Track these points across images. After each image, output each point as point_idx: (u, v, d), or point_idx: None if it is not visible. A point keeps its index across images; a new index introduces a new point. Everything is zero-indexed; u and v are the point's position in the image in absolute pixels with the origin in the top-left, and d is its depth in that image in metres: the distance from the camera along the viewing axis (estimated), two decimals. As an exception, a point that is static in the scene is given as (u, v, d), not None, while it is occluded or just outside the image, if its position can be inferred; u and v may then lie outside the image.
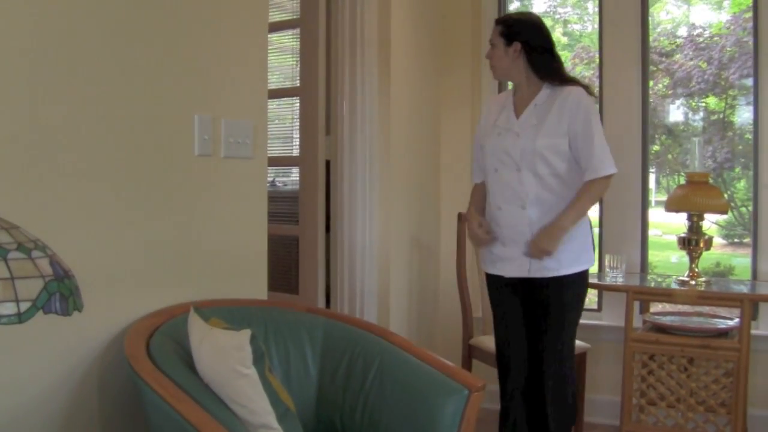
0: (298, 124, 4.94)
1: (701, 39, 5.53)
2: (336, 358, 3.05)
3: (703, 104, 5.59)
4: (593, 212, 5.19)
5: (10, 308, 1.65)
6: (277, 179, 6.00)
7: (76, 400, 2.63)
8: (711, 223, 4.59)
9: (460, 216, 4.82)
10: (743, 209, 5.53)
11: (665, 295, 4.41)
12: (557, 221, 3.47)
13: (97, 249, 2.67)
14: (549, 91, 3.58)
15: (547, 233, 3.46)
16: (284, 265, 4.89)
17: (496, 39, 3.62)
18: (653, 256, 5.24)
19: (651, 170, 5.40)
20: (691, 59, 5.44)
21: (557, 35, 6.24)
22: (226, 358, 2.45)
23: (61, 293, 1.77)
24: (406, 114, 4.94)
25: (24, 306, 1.68)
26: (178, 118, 2.99)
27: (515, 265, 3.61)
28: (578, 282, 3.60)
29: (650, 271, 5.19)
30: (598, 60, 5.23)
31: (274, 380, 2.57)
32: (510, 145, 3.57)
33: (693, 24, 5.71)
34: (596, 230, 5.25)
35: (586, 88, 3.58)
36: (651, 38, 5.18)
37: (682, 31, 5.71)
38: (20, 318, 1.67)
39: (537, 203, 3.53)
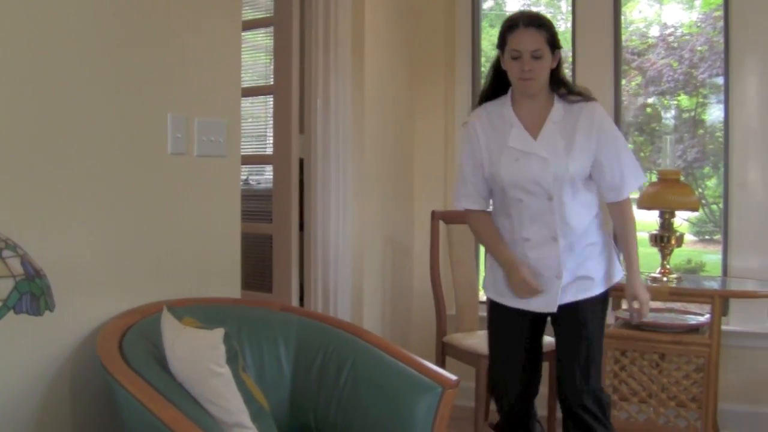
0: (271, 122, 4.94)
1: (672, 38, 5.57)
2: (310, 356, 3.05)
3: (675, 102, 5.63)
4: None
5: (-20, 308, 1.65)
6: (250, 177, 5.99)
7: (48, 400, 2.62)
8: (682, 220, 4.63)
9: (433, 214, 4.82)
10: (714, 207, 5.58)
11: (637, 291, 4.43)
12: (633, 277, 3.30)
13: (70, 248, 2.66)
14: (561, 104, 3.25)
15: (635, 288, 3.29)
16: (258, 264, 4.89)
17: (544, 47, 3.12)
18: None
19: (623, 168, 5.42)
20: (663, 58, 5.48)
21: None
22: (199, 357, 2.46)
23: (33, 293, 1.77)
24: (379, 112, 4.95)
25: (-5, 306, 1.68)
26: (152, 117, 2.99)
27: (544, 301, 3.30)
28: (607, 295, 3.44)
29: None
30: (571, 58, 5.25)
31: (248, 379, 2.57)
32: (538, 172, 3.18)
33: (665, 23, 5.75)
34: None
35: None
36: (623, 37, 5.21)
37: (654, 31, 5.75)
38: (-9, 318, 1.67)
39: (566, 233, 3.24)
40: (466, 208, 3.43)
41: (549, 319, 3.43)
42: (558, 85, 3.27)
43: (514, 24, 3.15)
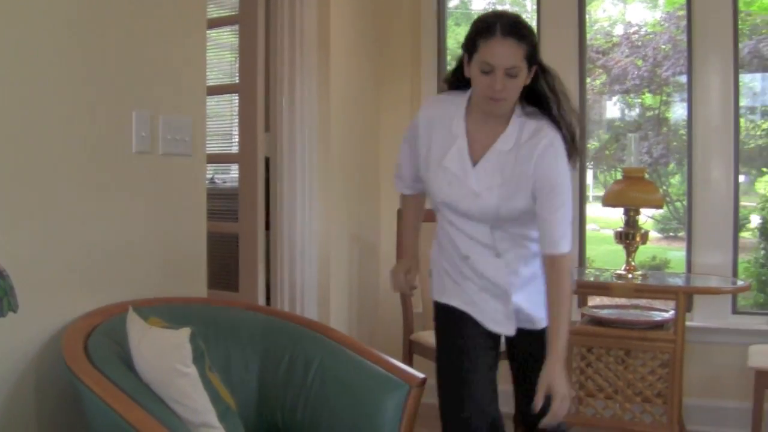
0: (237, 121, 4.92)
1: (636, 36, 5.61)
2: (277, 355, 3.04)
3: (639, 101, 5.67)
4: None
5: (-58, 310, 1.63)
6: (216, 176, 5.97)
7: (13, 401, 2.59)
8: (647, 217, 4.66)
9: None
10: (678, 204, 5.64)
11: (603, 288, 4.47)
12: (554, 360, 2.62)
13: (33, 248, 2.64)
14: (519, 121, 2.71)
15: (552, 378, 2.59)
16: (224, 263, 4.87)
17: (522, 63, 2.57)
18: (591, 250, 5.31)
19: (589, 166, 5.47)
20: (627, 56, 5.52)
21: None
22: (165, 357, 2.45)
23: (-4, 294, 1.75)
24: (345, 110, 4.94)
25: (-43, 307, 1.66)
26: (116, 115, 2.96)
27: (500, 325, 2.87)
28: None
29: (588, 265, 5.26)
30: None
31: (214, 378, 2.56)
32: (468, 206, 2.75)
33: (629, 22, 5.79)
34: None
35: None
36: (588, 36, 5.24)
37: (619, 29, 5.79)
38: (-47, 319, 1.65)
39: (513, 251, 2.83)
40: (401, 191, 3.13)
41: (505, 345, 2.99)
42: (533, 102, 2.74)
43: (489, 30, 2.55)
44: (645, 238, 4.48)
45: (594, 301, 5.03)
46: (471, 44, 2.62)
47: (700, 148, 4.77)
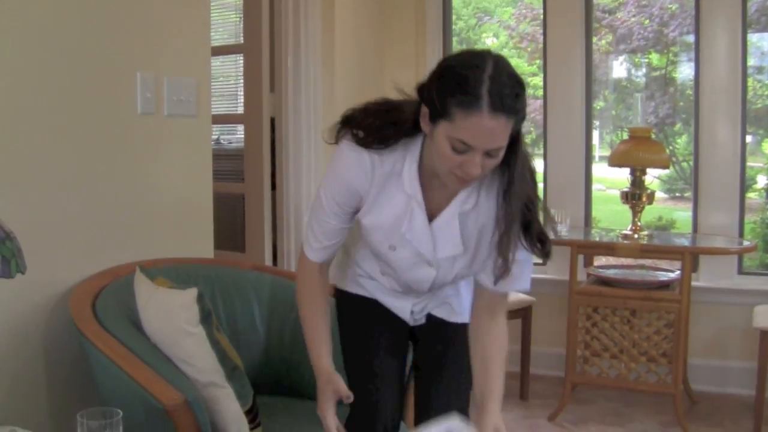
0: (242, 81, 4.91)
1: (643, -5, 5.57)
2: (283, 315, 3.05)
3: (646, 60, 5.64)
4: (538, 167, 5.24)
5: (-49, 271, 1.64)
6: (221, 137, 5.96)
7: (21, 362, 2.61)
8: (653, 177, 4.65)
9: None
10: (684, 164, 5.62)
11: (609, 248, 4.47)
12: (497, 405, 2.15)
13: (40, 210, 2.64)
14: (475, 184, 2.14)
15: (499, 422, 2.11)
16: (230, 224, 4.88)
17: (505, 141, 1.92)
18: (596, 210, 5.30)
19: (595, 126, 5.45)
20: (634, 16, 5.48)
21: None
22: (172, 317, 2.46)
23: (3, 255, 1.75)
24: (350, 70, 4.92)
25: (-35, 268, 1.66)
26: (120, 76, 2.95)
27: (411, 316, 2.47)
28: None
29: (594, 225, 5.26)
30: (542, 17, 5.24)
31: (222, 339, 2.57)
32: (418, 275, 2.29)
33: (636, -20, 5.75)
34: (541, 185, 5.29)
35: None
36: (594, -6, 5.20)
37: (625, -13, 5.74)
38: (-38, 281, 1.66)
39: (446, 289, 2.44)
40: (310, 258, 2.32)
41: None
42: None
43: (473, 101, 1.84)
44: (651, 198, 4.47)
45: (600, 261, 5.04)
46: (441, 107, 1.90)
47: (707, 109, 4.76)
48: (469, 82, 1.85)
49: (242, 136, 4.91)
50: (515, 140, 1.97)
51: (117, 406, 1.87)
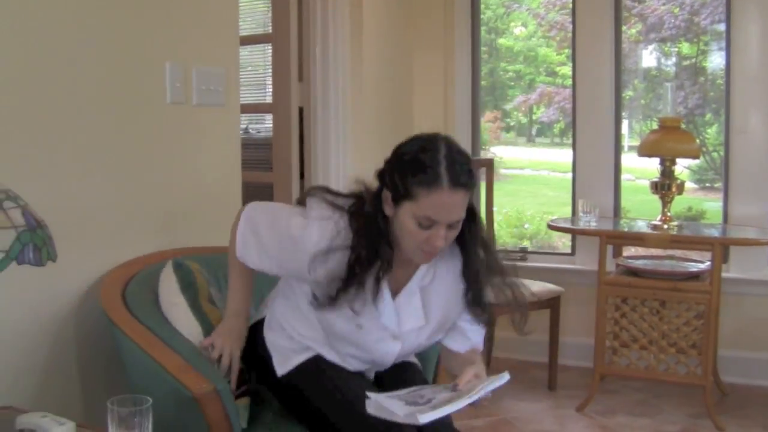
0: (270, 70, 4.91)
1: (674, -17, 5.52)
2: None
3: (676, 49, 5.60)
4: (567, 157, 5.22)
5: (-17, 259, 1.65)
6: (250, 126, 5.98)
7: (54, 348, 2.63)
8: (683, 167, 4.61)
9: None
10: (715, 154, 5.57)
11: (638, 239, 4.45)
12: (476, 358, 2.37)
13: (71, 199, 2.66)
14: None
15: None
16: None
17: (464, 212, 2.14)
18: (626, 200, 5.27)
19: (624, 115, 5.41)
20: (664, 4, 5.43)
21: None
22: (161, 289, 2.59)
23: (35, 244, 1.77)
24: (378, 59, 4.92)
25: (-3, 256, 1.68)
26: (150, 66, 2.97)
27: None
28: None
29: (623, 215, 5.23)
30: (571, 5, 5.21)
31: (212, 311, 2.58)
32: (384, 349, 2.35)
33: (666, -32, 5.70)
34: (569, 175, 5.27)
35: None
36: (624, -17, 5.17)
37: (655, -24, 5.70)
38: (-6, 268, 1.67)
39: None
40: (246, 264, 2.43)
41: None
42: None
43: (433, 179, 2.05)
44: (681, 188, 4.44)
45: (629, 251, 5.01)
46: (404, 189, 2.09)
47: (738, 98, 4.72)
48: (427, 164, 2.06)
49: (271, 125, 4.92)
50: (469, 211, 2.18)
51: (146, 394, 1.88)
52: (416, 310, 2.31)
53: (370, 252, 2.18)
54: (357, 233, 2.19)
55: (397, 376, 2.43)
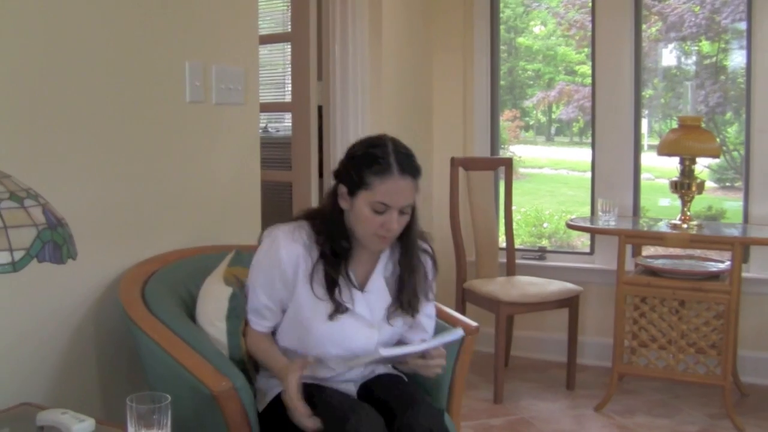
0: (289, 70, 4.92)
1: (694, -18, 5.49)
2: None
3: (696, 48, 5.57)
4: (586, 156, 5.20)
5: (3, 257, 1.66)
6: (269, 125, 5.99)
7: (74, 345, 2.65)
8: (703, 167, 4.59)
9: (452, 160, 4.82)
10: (735, 153, 5.54)
11: (657, 238, 4.43)
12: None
13: (90, 197, 2.67)
14: (388, 250, 2.57)
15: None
16: (277, 211, 4.89)
17: (413, 198, 2.41)
18: (645, 200, 5.26)
19: (643, 114, 5.40)
20: (684, 2, 5.41)
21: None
22: (206, 305, 2.60)
23: (55, 241, 1.77)
24: (397, 58, 4.92)
25: (18, 255, 1.69)
26: (169, 65, 2.98)
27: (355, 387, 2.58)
28: None
29: (642, 214, 5.21)
30: (590, 4, 5.19)
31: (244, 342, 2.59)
32: (364, 341, 2.47)
33: (686, -33, 5.67)
34: (588, 174, 5.26)
35: None
36: (644, -19, 5.15)
37: (676, -26, 5.67)
38: (14, 267, 1.68)
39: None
40: (256, 329, 2.54)
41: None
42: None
43: (385, 168, 2.34)
44: (701, 187, 4.42)
45: (648, 251, 5.00)
46: (359, 180, 2.35)
47: (759, 97, 4.69)
48: (379, 155, 2.35)
49: (290, 124, 4.93)
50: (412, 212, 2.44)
51: (165, 391, 1.89)
52: (385, 298, 2.53)
53: (334, 243, 2.44)
54: (318, 232, 2.46)
55: (388, 390, 2.52)
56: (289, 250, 2.44)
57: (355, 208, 2.38)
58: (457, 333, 2.46)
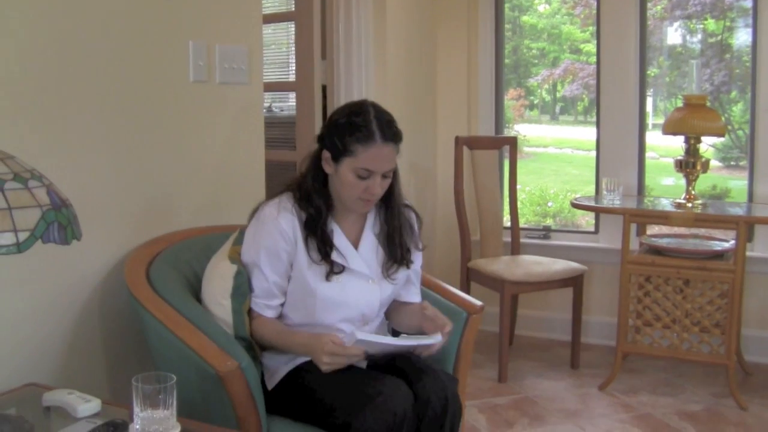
0: (293, 49, 4.91)
1: (700, -41, 5.46)
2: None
3: (701, 26, 5.54)
4: (590, 135, 5.20)
5: (8, 238, 1.66)
6: (273, 105, 5.98)
7: (79, 326, 2.65)
8: (708, 146, 4.58)
9: (457, 139, 4.81)
10: (740, 132, 5.52)
11: (662, 217, 4.42)
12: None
13: (94, 178, 2.67)
14: (374, 209, 2.68)
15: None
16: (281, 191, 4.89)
17: (395, 163, 2.54)
18: (650, 179, 5.25)
19: (648, 93, 5.38)
20: (690, -20, 5.38)
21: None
22: (211, 283, 2.57)
23: (59, 222, 1.77)
24: (402, 36, 4.90)
25: (22, 236, 1.69)
26: (173, 45, 2.97)
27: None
28: None
29: (647, 193, 5.20)
30: (596, -19, 5.17)
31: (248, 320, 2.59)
32: (368, 297, 2.60)
33: (692, -56, 5.64)
34: (593, 153, 5.25)
35: None
36: (650, -41, 5.12)
37: (682, -49, 5.63)
38: (19, 248, 1.68)
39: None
40: (262, 314, 2.57)
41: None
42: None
43: (367, 135, 2.43)
44: (706, 166, 4.41)
45: (653, 230, 4.99)
46: (343, 147, 2.45)
47: (764, 76, 4.67)
48: (360, 124, 2.44)
49: (294, 103, 4.91)
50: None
51: (171, 371, 1.89)
52: (379, 253, 2.64)
53: (317, 205, 2.53)
54: (301, 199, 2.56)
55: (402, 358, 2.52)
56: (287, 219, 2.53)
57: (339, 173, 2.48)
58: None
